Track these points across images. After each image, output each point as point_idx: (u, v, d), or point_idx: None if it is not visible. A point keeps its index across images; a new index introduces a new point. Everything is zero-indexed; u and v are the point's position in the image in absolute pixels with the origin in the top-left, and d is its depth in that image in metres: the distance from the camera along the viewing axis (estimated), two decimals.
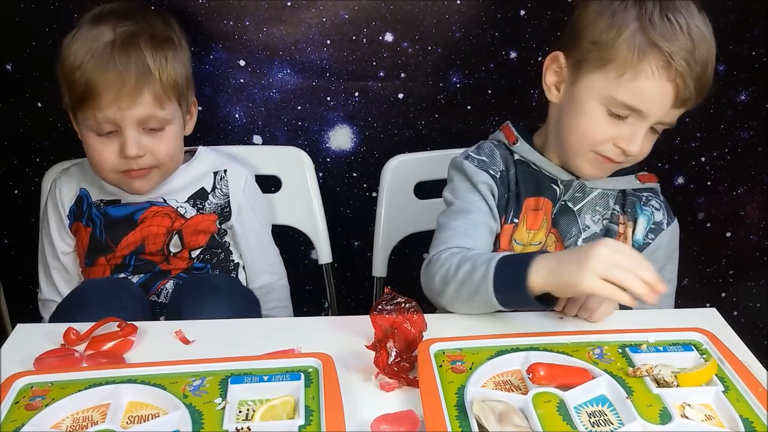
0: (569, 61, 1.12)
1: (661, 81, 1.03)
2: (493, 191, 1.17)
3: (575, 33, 1.10)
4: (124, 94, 1.18)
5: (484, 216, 1.15)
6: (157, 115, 1.22)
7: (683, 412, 0.84)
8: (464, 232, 1.12)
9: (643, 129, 1.07)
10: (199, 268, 1.33)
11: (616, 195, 1.20)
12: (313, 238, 1.51)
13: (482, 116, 1.56)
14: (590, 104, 1.09)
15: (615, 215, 1.19)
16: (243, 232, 1.37)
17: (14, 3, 1.43)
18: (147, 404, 0.86)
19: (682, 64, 1.02)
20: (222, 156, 1.39)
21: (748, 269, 1.73)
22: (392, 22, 1.47)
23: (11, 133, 1.54)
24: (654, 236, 1.19)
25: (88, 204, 1.31)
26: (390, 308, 0.93)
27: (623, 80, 1.04)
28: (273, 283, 1.44)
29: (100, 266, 1.31)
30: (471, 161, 1.19)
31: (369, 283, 1.51)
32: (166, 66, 1.22)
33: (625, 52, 1.04)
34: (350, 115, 1.56)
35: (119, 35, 1.20)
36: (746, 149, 1.61)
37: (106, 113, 1.18)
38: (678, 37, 1.02)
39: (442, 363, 0.91)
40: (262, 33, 1.48)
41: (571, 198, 1.18)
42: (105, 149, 1.22)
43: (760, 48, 1.50)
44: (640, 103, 1.05)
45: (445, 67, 1.52)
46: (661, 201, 1.22)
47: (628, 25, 1.04)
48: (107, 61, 1.18)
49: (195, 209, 1.32)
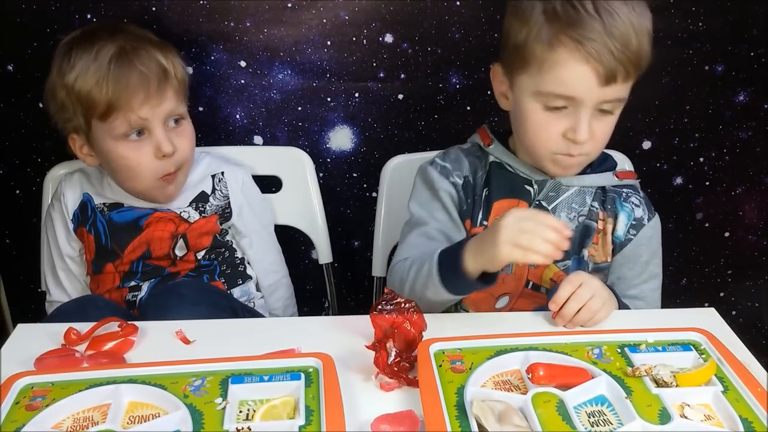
0: (504, 69, 1.15)
1: (578, 64, 1.04)
2: (454, 199, 1.19)
3: (502, 41, 1.14)
4: (152, 92, 1.21)
5: (442, 225, 1.18)
6: (178, 110, 1.26)
7: (682, 412, 0.84)
8: (417, 246, 1.16)
9: (585, 114, 1.07)
10: (206, 266, 1.34)
11: (594, 192, 1.20)
12: (313, 238, 1.51)
13: (482, 116, 1.56)
14: (528, 105, 1.11)
15: (594, 212, 1.20)
16: (245, 231, 1.38)
17: (15, 4, 1.43)
18: (148, 404, 0.86)
19: (593, 45, 1.02)
20: (216, 159, 1.41)
21: (747, 269, 1.74)
22: (392, 23, 1.48)
23: (13, 133, 1.55)
24: (636, 232, 1.20)
25: (92, 209, 1.32)
26: (390, 308, 0.93)
27: (543, 73, 1.06)
28: (276, 282, 1.45)
29: (108, 274, 1.32)
30: (435, 167, 1.22)
31: (369, 283, 1.51)
32: (176, 64, 1.26)
33: (537, 47, 1.06)
34: (350, 116, 1.56)
35: (124, 43, 1.22)
36: (745, 149, 1.61)
37: (139, 113, 1.21)
38: (584, 19, 1.03)
39: (442, 363, 0.92)
40: (263, 34, 1.48)
41: (545, 197, 1.19)
42: (141, 155, 1.24)
43: (759, 48, 1.51)
44: (567, 90, 1.06)
45: (444, 68, 1.52)
46: (641, 197, 1.23)
47: (535, 22, 1.06)
48: (128, 66, 1.20)
49: (198, 213, 1.33)
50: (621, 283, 1.22)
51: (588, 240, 1.19)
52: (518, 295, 1.20)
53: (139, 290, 1.31)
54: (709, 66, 1.53)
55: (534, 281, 1.20)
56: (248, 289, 1.39)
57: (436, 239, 1.16)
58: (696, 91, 1.55)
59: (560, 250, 0.96)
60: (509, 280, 1.20)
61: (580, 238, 1.19)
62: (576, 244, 1.19)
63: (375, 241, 1.47)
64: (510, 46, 1.11)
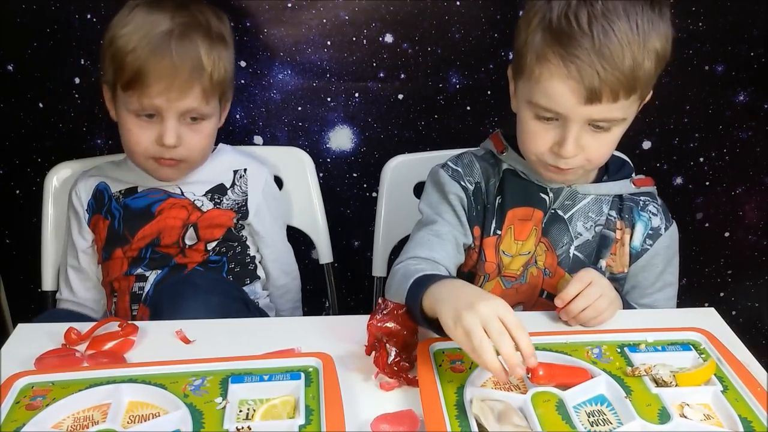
0: (512, 72, 1.13)
1: (559, 81, 1.02)
2: (463, 203, 1.18)
3: (514, 45, 1.11)
4: (175, 86, 1.18)
5: (451, 227, 1.16)
6: (201, 109, 1.23)
7: (682, 412, 0.84)
8: (426, 243, 1.13)
9: (572, 129, 1.04)
10: (214, 261, 1.33)
11: (612, 200, 1.18)
12: (313, 237, 1.51)
13: (482, 117, 1.56)
14: (523, 112, 1.10)
15: (611, 221, 1.18)
16: (262, 231, 1.38)
17: (15, 4, 1.43)
18: (148, 404, 0.86)
19: (577, 63, 1.00)
20: (243, 155, 1.40)
21: (747, 269, 1.73)
22: (392, 23, 1.48)
23: (13, 133, 1.55)
24: (652, 242, 1.18)
25: (108, 197, 1.32)
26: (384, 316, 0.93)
27: (532, 83, 1.05)
28: (289, 283, 1.45)
29: (117, 259, 1.32)
30: (446, 170, 1.20)
31: (369, 283, 1.51)
32: (218, 63, 1.23)
33: (529, 56, 1.04)
34: (350, 116, 1.56)
35: (177, 26, 1.19)
36: (745, 150, 1.61)
37: (154, 101, 1.19)
38: (574, 35, 1.00)
39: (442, 362, 0.92)
40: (263, 34, 1.48)
41: (561, 206, 1.17)
42: (142, 133, 1.23)
43: (758, 49, 1.51)
44: (552, 104, 1.04)
45: (444, 68, 1.52)
46: (659, 205, 1.21)
47: (533, 30, 1.04)
48: (163, 51, 1.17)
49: (212, 203, 1.32)
50: (635, 291, 1.21)
51: (606, 251, 1.18)
52: (533, 305, 1.19)
53: (145, 281, 1.31)
54: (709, 66, 1.53)
55: (549, 290, 1.19)
56: (254, 288, 1.39)
57: (445, 238, 1.15)
58: (696, 91, 1.55)
59: (505, 376, 0.83)
60: (523, 290, 1.19)
61: (597, 248, 1.18)
62: (593, 254, 1.17)
63: (375, 241, 1.47)
64: (515, 51, 1.10)
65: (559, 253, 1.17)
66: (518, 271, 1.18)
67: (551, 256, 1.17)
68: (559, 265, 1.17)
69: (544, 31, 1.03)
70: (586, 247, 1.17)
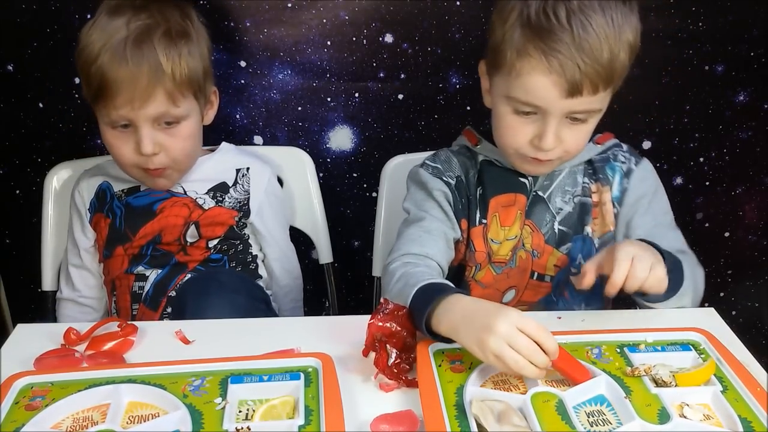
0: (486, 67, 1.14)
1: (541, 75, 1.03)
2: (448, 198, 1.19)
3: (488, 40, 1.12)
4: (137, 95, 1.16)
5: (439, 223, 1.17)
6: (170, 112, 1.20)
7: (681, 412, 0.84)
8: (416, 239, 1.14)
9: (552, 122, 1.06)
10: (216, 260, 1.33)
11: (584, 168, 1.20)
12: (313, 237, 1.51)
13: (482, 117, 1.55)
14: (501, 107, 1.11)
15: (586, 188, 1.20)
16: (264, 231, 1.37)
17: (15, 4, 1.43)
18: (147, 404, 0.86)
19: (558, 57, 1.01)
20: (245, 154, 1.39)
21: (747, 269, 1.73)
22: (392, 23, 1.48)
23: (13, 133, 1.55)
24: (628, 180, 1.20)
25: (111, 195, 1.32)
26: (385, 315, 0.93)
27: (512, 78, 1.06)
28: (291, 283, 1.45)
29: (118, 257, 1.31)
30: (426, 168, 1.21)
31: (369, 283, 1.51)
32: (179, 62, 1.19)
33: (508, 52, 1.05)
34: (350, 116, 1.56)
35: (132, 31, 1.17)
36: (745, 149, 1.61)
37: (120, 112, 1.18)
38: (554, 29, 1.01)
39: (441, 362, 0.92)
40: (263, 34, 1.48)
41: (540, 186, 1.19)
42: (122, 145, 1.22)
43: (758, 48, 1.51)
44: (532, 98, 1.05)
45: (444, 68, 1.52)
46: (625, 150, 1.23)
47: (511, 25, 1.05)
48: (120, 59, 1.15)
49: (214, 201, 1.32)
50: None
51: (587, 217, 1.20)
52: (524, 287, 1.21)
53: (145, 281, 1.30)
54: (709, 66, 1.53)
55: (539, 271, 1.21)
56: None
57: (435, 234, 1.15)
58: (696, 91, 1.55)
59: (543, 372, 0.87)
60: (514, 274, 1.21)
61: (579, 217, 1.20)
62: (576, 224, 1.20)
63: (375, 241, 1.47)
64: (489, 46, 1.11)
65: (544, 231, 1.19)
66: (507, 256, 1.20)
67: (537, 237, 1.19)
68: (547, 243, 1.19)
69: (522, 26, 1.04)
70: (568, 220, 1.19)
